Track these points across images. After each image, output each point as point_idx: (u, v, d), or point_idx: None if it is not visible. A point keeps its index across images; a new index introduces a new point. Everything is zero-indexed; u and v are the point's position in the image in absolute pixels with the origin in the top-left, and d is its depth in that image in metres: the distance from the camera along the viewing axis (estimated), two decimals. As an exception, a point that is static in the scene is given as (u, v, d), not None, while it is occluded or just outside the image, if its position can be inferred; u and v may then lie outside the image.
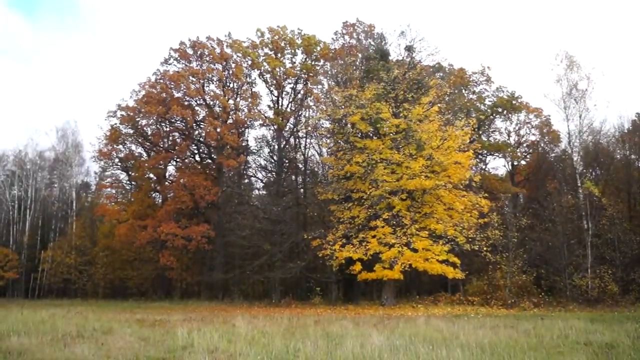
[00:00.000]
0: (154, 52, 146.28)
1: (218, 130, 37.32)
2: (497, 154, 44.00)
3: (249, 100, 40.29)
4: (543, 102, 67.39)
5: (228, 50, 39.72)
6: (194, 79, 38.65)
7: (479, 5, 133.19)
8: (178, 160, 41.33)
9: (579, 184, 33.93)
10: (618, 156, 41.98)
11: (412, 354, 9.39)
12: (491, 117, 43.46)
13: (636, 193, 38.95)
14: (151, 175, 42.18)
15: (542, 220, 33.58)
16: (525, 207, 38.50)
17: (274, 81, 40.52)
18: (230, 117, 39.42)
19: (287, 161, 40.74)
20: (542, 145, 44.97)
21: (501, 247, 31.07)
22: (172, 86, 37.98)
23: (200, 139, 40.49)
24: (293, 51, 40.59)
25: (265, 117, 40.48)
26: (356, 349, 9.92)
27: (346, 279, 32.45)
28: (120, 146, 41.49)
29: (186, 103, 38.38)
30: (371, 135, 31.96)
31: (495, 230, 29.61)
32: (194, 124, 39.65)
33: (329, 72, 39.42)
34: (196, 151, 42.13)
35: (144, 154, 43.10)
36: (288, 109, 41.14)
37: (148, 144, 41.70)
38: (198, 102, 39.42)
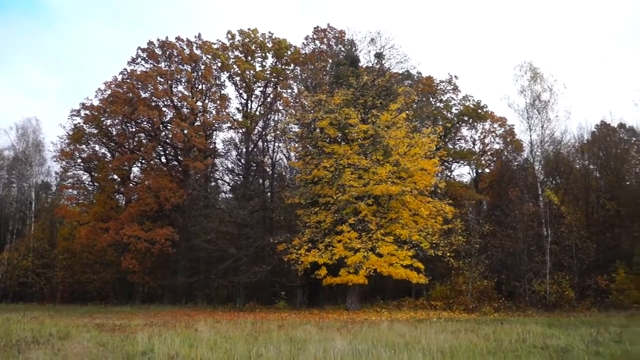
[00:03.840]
0: (121, 52, 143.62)
1: (185, 132, 36.83)
2: (462, 162, 44.88)
3: (218, 102, 39.94)
4: (507, 112, 69.27)
5: (197, 52, 39.33)
6: (161, 80, 38.06)
7: (448, 15, 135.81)
8: (143, 161, 40.58)
9: (540, 192, 34.90)
10: (577, 166, 43.36)
11: (374, 359, 9.46)
12: (457, 125, 44.30)
13: (594, 202, 40.29)
14: (115, 177, 41.23)
15: (504, 227, 34.36)
16: (488, 214, 39.35)
17: (244, 84, 40.31)
18: (198, 119, 38.96)
19: (254, 164, 40.53)
20: (505, 153, 46.07)
21: (464, 252, 31.66)
22: (139, 86, 37.29)
23: (167, 140, 39.87)
24: (264, 54, 40.49)
25: (234, 119, 40.20)
26: (319, 354, 9.94)
27: (311, 284, 32.45)
28: (83, 146, 40.36)
29: (153, 104, 37.74)
30: (339, 140, 32.16)
31: (458, 236, 30.15)
32: (161, 125, 39.02)
33: (299, 77, 39.50)
34: (162, 153, 41.45)
35: (108, 155, 42.10)
36: (257, 112, 40.98)
37: (112, 144, 40.79)
38: (165, 103, 38.82)
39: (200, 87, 40.08)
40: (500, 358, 10.11)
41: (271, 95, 41.19)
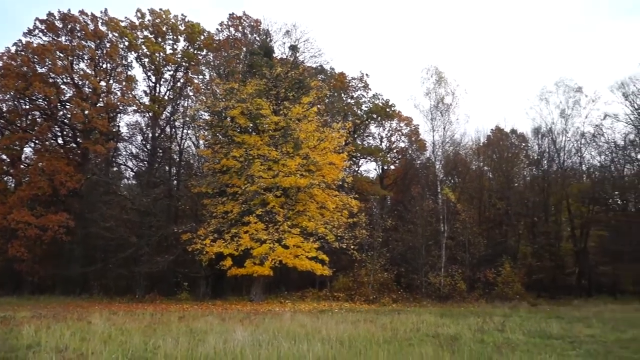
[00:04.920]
0: (16, 23, 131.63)
1: (86, 112, 34.58)
2: (369, 158, 46.32)
3: (123, 83, 37.84)
4: (413, 112, 72.31)
5: (103, 28, 36.96)
6: (61, 55, 35.34)
7: (363, 14, 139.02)
8: (37, 142, 37.51)
9: (439, 190, 36.98)
10: (473, 167, 46.50)
11: (274, 349, 9.56)
12: (366, 122, 45.59)
13: (486, 201, 43.44)
14: (4, 157, 37.81)
15: (405, 222, 36.05)
16: (391, 209, 41.00)
17: (152, 66, 38.59)
18: (101, 99, 36.70)
19: (161, 151, 39.05)
20: (410, 152, 48.23)
21: (367, 246, 32.84)
22: (35, 60, 34.34)
23: (65, 120, 37.16)
24: (175, 37, 39.00)
25: (140, 103, 38.38)
26: (219, 345, 9.87)
27: (216, 274, 32.00)
28: (-32, 122, 36.66)
29: (51, 80, 34.95)
30: (250, 130, 31.89)
31: (362, 230, 31.14)
32: (59, 104, 36.25)
33: (212, 63, 38.54)
34: (59, 134, 38.56)
35: (-4, 132, 38.53)
36: (166, 97, 39.45)
37: (2, 121, 37.37)
38: (65, 80, 36.11)
39: (104, 66, 37.76)
40: (395, 346, 10.60)
41: (181, 80, 39.83)
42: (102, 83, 37.04)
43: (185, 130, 39.36)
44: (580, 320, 18.31)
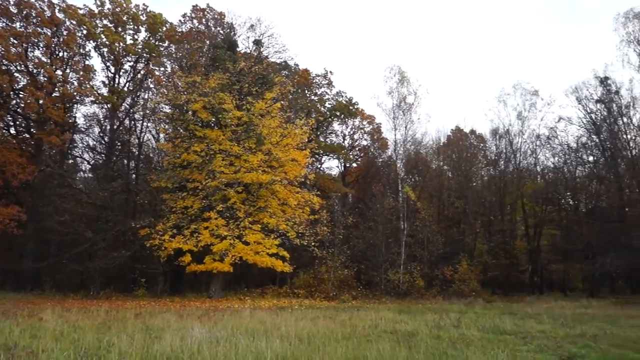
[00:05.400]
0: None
1: (40, 102, 33.33)
2: (332, 155, 46.52)
3: (81, 73, 36.64)
4: (376, 110, 73.02)
5: (60, 15, 35.65)
6: (15, 42, 33.89)
7: (328, 11, 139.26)
8: (-12, 131, 36.02)
9: (400, 189, 37.51)
10: (433, 166, 47.33)
11: (231, 346, 9.49)
12: (329, 119, 45.76)
13: (445, 199, 44.30)
14: (-50, 146, 36.10)
15: (366, 219, 36.42)
16: (352, 207, 41.36)
17: (112, 57, 37.52)
18: (56, 89, 35.43)
19: (119, 144, 38.08)
20: (372, 150, 48.72)
21: (328, 243, 33.00)
22: (-14, 46, 32.90)
23: (18, 110, 35.70)
24: (136, 27, 38.02)
25: (98, 94, 37.25)
26: (175, 343, 9.71)
27: (174, 271, 31.51)
28: None
29: (4, 68, 33.53)
30: (212, 125, 31.46)
31: (324, 227, 31.27)
32: (12, 93, 34.83)
33: (174, 55, 37.86)
34: (12, 123, 36.98)
35: (-57, 120, 36.71)
36: (125, 89, 38.43)
37: (-50, 109, 35.64)
38: (18, 68, 34.64)
39: (61, 54, 36.44)
40: (353, 343, 10.69)
41: (142, 72, 38.90)
42: (58, 72, 35.79)
43: (145, 123, 38.56)
44: (532, 316, 18.97)
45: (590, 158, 43.46)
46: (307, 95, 44.11)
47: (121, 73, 38.52)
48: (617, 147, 37.49)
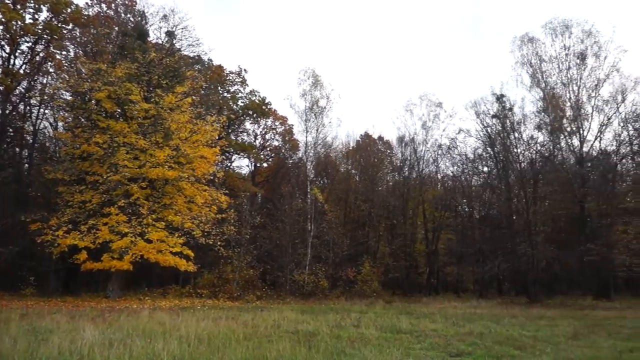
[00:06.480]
0: None
1: None
2: (242, 154, 46.10)
3: (-31, 50, 33.45)
4: (289, 112, 73.44)
5: (-53, -14, 32.30)
6: None
7: (244, 8, 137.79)
8: None
9: (309, 190, 38.04)
10: (342, 169, 48.49)
11: (126, 348, 9.15)
12: (241, 117, 45.35)
13: (352, 202, 45.55)
14: None
15: (274, 220, 36.52)
16: (261, 207, 41.26)
17: (8, 35, 34.46)
18: (-61, 66, 32.08)
19: (11, 130, 35.09)
20: (283, 151, 48.90)
21: (234, 242, 32.69)
22: None
23: None
24: (37, 6, 35.16)
25: (-11, 74, 34.18)
26: (64, 345, 9.20)
27: (68, 269, 29.61)
28: None
29: None
30: (117, 116, 29.96)
31: (231, 226, 30.93)
32: None
33: (78, 40, 35.58)
34: None
35: None
36: (21, 71, 35.52)
37: None
38: None
39: (-54, 28, 33.03)
40: (254, 343, 10.71)
41: (41, 54, 36.12)
42: (-58, 48, 32.40)
43: (42, 110, 35.84)
44: (427, 316, 20.06)
45: (485, 169, 46.73)
46: (220, 91, 43.38)
47: (17, 54, 35.51)
48: (508, 160, 40.59)
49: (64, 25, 36.20)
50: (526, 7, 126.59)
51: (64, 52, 36.34)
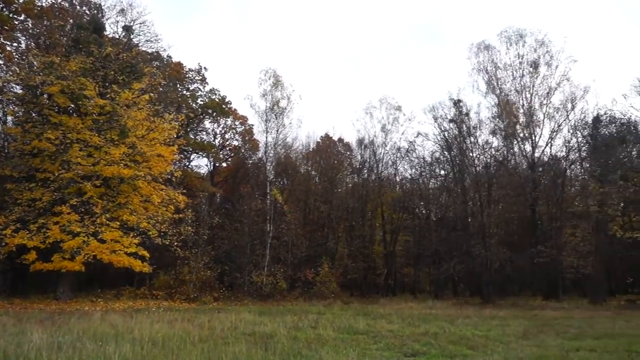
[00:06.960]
0: None
1: None
2: (201, 153, 45.39)
3: None
4: (249, 112, 72.88)
5: None
6: None
7: (206, 6, 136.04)
8: None
9: (268, 191, 37.84)
10: (302, 170, 48.46)
11: (75, 352, 8.86)
12: (201, 116, 44.66)
13: (311, 204, 45.60)
14: None
15: (232, 220, 36.16)
16: (219, 207, 40.79)
17: (-48, 24, 32.90)
18: None
19: (-44, 124, 33.45)
20: (242, 151, 48.46)
21: (192, 243, 32.16)
22: None
23: None
24: (-14, -4, 33.76)
25: None
26: (10, 349, 8.83)
27: (16, 269, 28.40)
28: None
29: None
30: (70, 111, 28.97)
31: (188, 226, 30.42)
32: None
33: (30, 31, 34.20)
34: None
35: None
36: (-33, 62, 33.93)
37: None
38: None
39: None
40: (210, 345, 10.57)
41: (-10, 45, 34.63)
42: None
43: (-10, 103, 34.25)
44: (384, 316, 20.30)
45: (442, 172, 47.72)
46: (179, 89, 42.58)
47: (-37, 43, 33.92)
48: (464, 164, 41.61)
49: (15, 16, 34.77)
50: (484, 16, 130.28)
51: (14, 44, 34.90)
